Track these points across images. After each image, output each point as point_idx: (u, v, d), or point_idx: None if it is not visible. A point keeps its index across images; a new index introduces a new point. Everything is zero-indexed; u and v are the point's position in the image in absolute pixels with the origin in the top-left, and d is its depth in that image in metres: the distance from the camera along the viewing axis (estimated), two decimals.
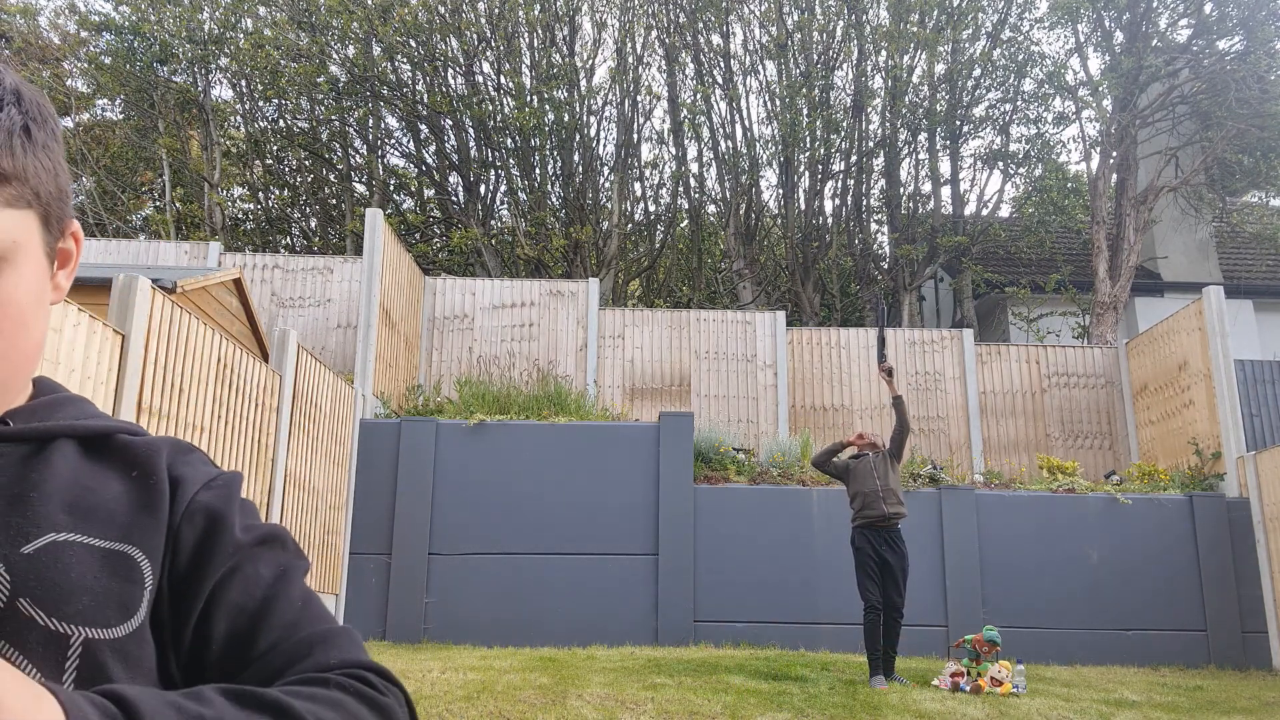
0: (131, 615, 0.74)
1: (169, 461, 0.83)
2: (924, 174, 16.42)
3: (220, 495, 0.82)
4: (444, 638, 8.45)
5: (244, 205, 18.22)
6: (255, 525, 0.83)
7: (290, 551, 0.84)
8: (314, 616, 0.80)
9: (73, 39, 17.61)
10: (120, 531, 0.76)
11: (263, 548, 0.82)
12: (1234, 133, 13.55)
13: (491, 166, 15.97)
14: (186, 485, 0.81)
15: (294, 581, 0.81)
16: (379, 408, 9.55)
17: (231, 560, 0.79)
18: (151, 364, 5.47)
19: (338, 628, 0.80)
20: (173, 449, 0.85)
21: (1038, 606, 8.92)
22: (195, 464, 0.85)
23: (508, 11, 15.04)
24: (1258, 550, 9.12)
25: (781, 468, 9.55)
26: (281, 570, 0.81)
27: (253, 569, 0.79)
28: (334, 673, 0.73)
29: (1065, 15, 14.24)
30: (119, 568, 0.75)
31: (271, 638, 0.76)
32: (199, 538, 0.79)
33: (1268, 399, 11.40)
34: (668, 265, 18.44)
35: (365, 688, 0.73)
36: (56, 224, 0.78)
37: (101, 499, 0.77)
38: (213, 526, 0.80)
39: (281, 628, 0.77)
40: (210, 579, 0.78)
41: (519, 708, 5.06)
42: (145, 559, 0.76)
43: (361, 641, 0.80)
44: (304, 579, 0.83)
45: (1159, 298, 15.15)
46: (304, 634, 0.77)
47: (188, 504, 0.80)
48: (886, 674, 6.53)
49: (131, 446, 0.82)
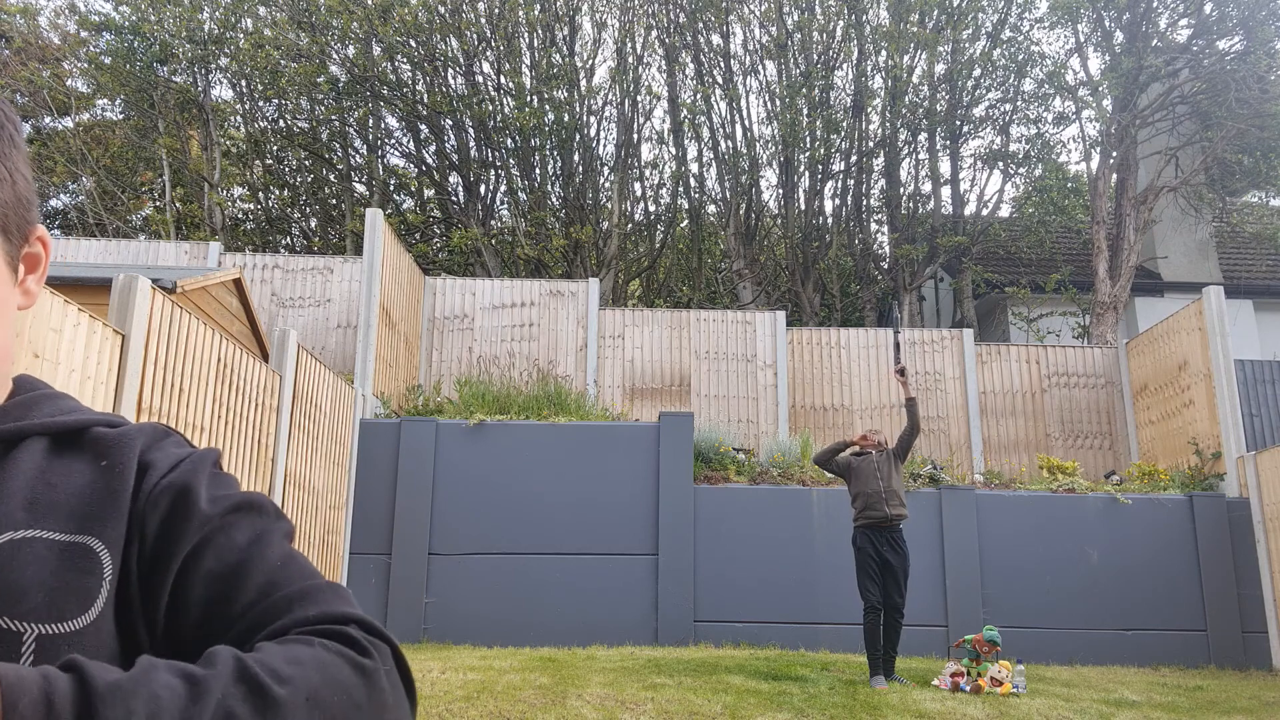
0: (90, 606, 0.73)
1: (143, 447, 0.82)
2: (924, 174, 16.42)
3: (186, 472, 0.81)
4: (444, 638, 8.45)
5: (244, 205, 18.22)
6: (227, 495, 0.81)
7: (268, 516, 0.82)
8: (295, 574, 0.78)
9: (73, 39, 17.62)
10: (80, 523, 0.76)
11: (235, 514, 0.80)
12: (1234, 133, 13.55)
13: (491, 166, 15.97)
14: (153, 470, 0.81)
15: (271, 544, 0.80)
16: (379, 408, 9.55)
17: (201, 532, 0.78)
18: (151, 364, 5.47)
19: (322, 583, 0.78)
20: (148, 436, 0.84)
21: (1038, 606, 8.92)
22: (168, 448, 0.84)
23: (508, 11, 15.04)
24: (1258, 550, 9.12)
25: (781, 468, 9.55)
26: (257, 535, 0.80)
27: (225, 537, 0.78)
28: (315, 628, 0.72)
29: (1065, 15, 14.24)
30: (77, 560, 0.74)
31: (247, 599, 0.75)
32: (164, 516, 0.78)
33: (1268, 399, 11.40)
34: (668, 265, 18.44)
35: (346, 648, 0.70)
36: (18, 231, 0.78)
37: (64, 493, 0.77)
38: (178, 503, 0.79)
39: (258, 588, 0.76)
40: (179, 554, 0.77)
41: (519, 708, 5.06)
42: (105, 549, 0.76)
43: (348, 594, 0.79)
44: (285, 540, 0.82)
45: (1159, 298, 15.15)
46: (283, 592, 0.76)
47: (153, 488, 0.79)
48: (886, 674, 6.53)
49: (104, 438, 0.82)
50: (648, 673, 6.37)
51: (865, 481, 6.80)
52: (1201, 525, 9.20)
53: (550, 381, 10.50)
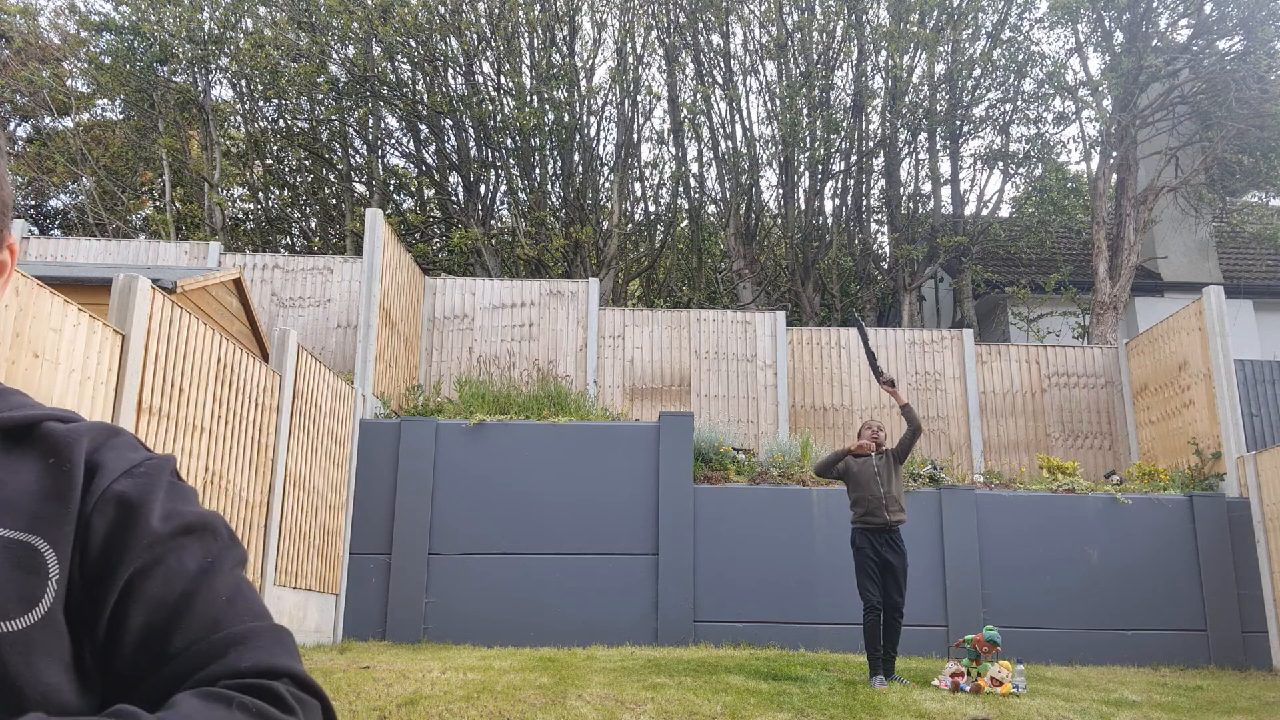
0: (34, 606, 0.71)
1: (91, 447, 0.80)
2: (924, 174, 16.43)
3: (139, 483, 0.78)
4: (444, 638, 8.45)
5: (244, 205, 18.22)
6: (182, 512, 0.79)
7: (221, 540, 0.80)
8: (239, 613, 0.75)
9: (73, 39, 17.62)
10: (25, 520, 0.74)
11: (188, 537, 0.77)
12: (1234, 133, 13.55)
13: (491, 166, 15.97)
14: (104, 472, 0.78)
15: (220, 573, 0.77)
16: (379, 408, 9.55)
17: (149, 553, 0.75)
18: (152, 364, 5.47)
19: (262, 626, 0.76)
20: (97, 434, 0.82)
21: (1038, 606, 8.92)
22: (119, 449, 0.81)
23: (508, 11, 15.04)
24: (1258, 550, 9.12)
25: (781, 468, 9.55)
26: (209, 562, 0.77)
27: (175, 561, 0.75)
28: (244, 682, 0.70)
29: (1065, 15, 14.24)
30: (21, 558, 0.72)
31: (188, 636, 0.73)
32: (109, 528, 0.76)
33: (1268, 399, 11.40)
34: (668, 265, 18.45)
35: (270, 707, 0.68)
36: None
37: (10, 489, 0.75)
38: (126, 517, 0.76)
39: (199, 626, 0.73)
40: (123, 572, 0.74)
41: (519, 708, 5.06)
42: (50, 548, 0.74)
43: (289, 641, 0.77)
44: (236, 569, 0.79)
45: (1159, 298, 15.15)
46: (222, 633, 0.73)
47: (102, 492, 0.77)
48: (886, 674, 6.52)
49: (52, 434, 0.80)
50: (648, 673, 6.37)
51: (865, 486, 6.75)
52: (1201, 525, 9.20)
53: (550, 381, 10.50)
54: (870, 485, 6.72)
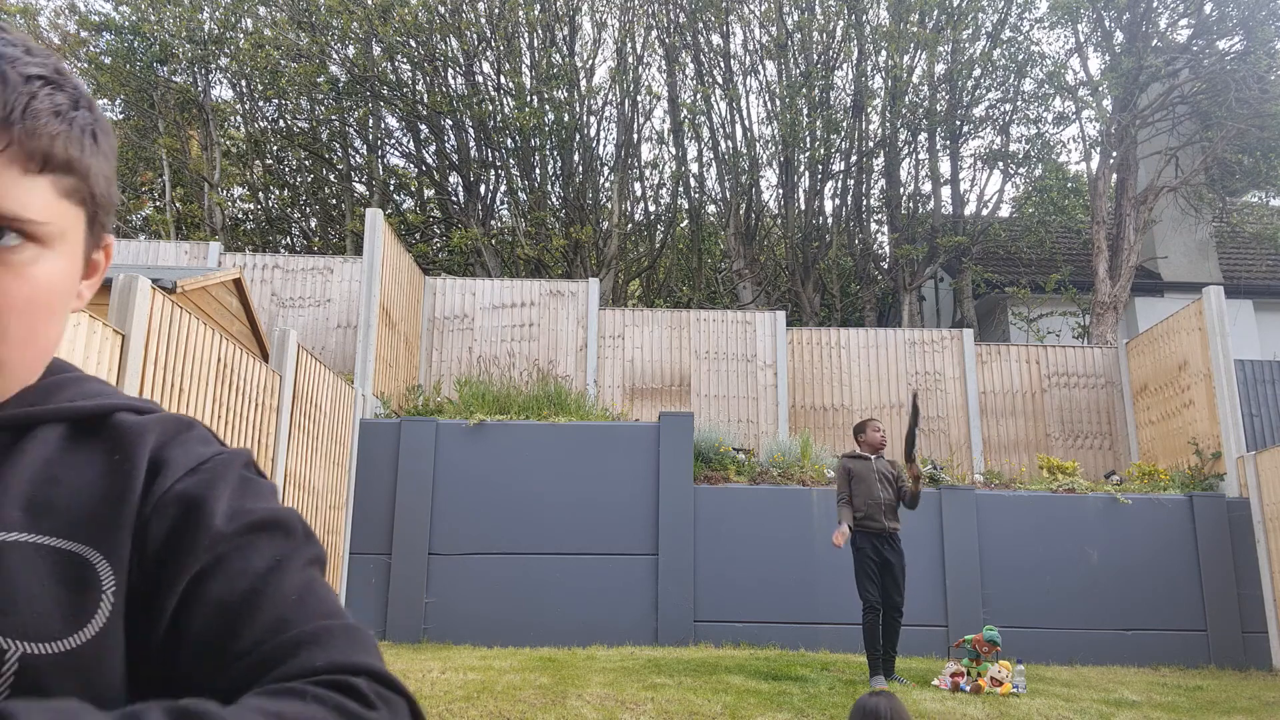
0: (82, 625, 0.66)
1: (157, 443, 0.75)
2: (924, 174, 16.42)
3: (203, 480, 0.73)
4: (444, 638, 8.45)
5: (244, 205, 18.22)
6: (250, 509, 0.73)
7: (295, 539, 0.74)
8: (311, 612, 0.69)
9: (73, 39, 17.61)
10: (79, 529, 0.69)
11: (256, 535, 0.72)
12: (1234, 133, 13.55)
13: (491, 166, 15.97)
14: (168, 470, 0.73)
15: (290, 572, 0.71)
16: (379, 408, 9.55)
17: (211, 553, 0.69)
18: (151, 364, 5.47)
19: (337, 624, 0.69)
20: (166, 428, 0.76)
21: (1038, 606, 8.91)
22: (188, 444, 0.76)
23: (508, 11, 15.04)
24: (1258, 550, 9.12)
25: (781, 468, 9.55)
26: (277, 560, 0.71)
27: (240, 560, 0.70)
28: (319, 679, 0.63)
29: (1065, 15, 14.24)
30: (68, 571, 0.67)
31: (254, 637, 0.66)
32: (169, 530, 0.70)
33: (1268, 399, 11.40)
34: (668, 265, 18.44)
35: (349, 701, 0.62)
36: (99, 230, 0.77)
37: (66, 491, 0.70)
38: (187, 517, 0.71)
39: (266, 626, 0.67)
40: (184, 576, 0.69)
41: (519, 708, 5.06)
42: (103, 559, 0.68)
43: (367, 639, 0.70)
44: (309, 568, 0.73)
45: (1159, 298, 15.15)
46: (293, 633, 0.67)
47: (163, 493, 0.72)
48: (886, 674, 6.53)
49: (121, 427, 0.75)
50: (648, 673, 6.37)
51: (869, 487, 6.75)
52: (1201, 525, 9.20)
53: (550, 381, 10.50)
54: (873, 486, 6.74)
